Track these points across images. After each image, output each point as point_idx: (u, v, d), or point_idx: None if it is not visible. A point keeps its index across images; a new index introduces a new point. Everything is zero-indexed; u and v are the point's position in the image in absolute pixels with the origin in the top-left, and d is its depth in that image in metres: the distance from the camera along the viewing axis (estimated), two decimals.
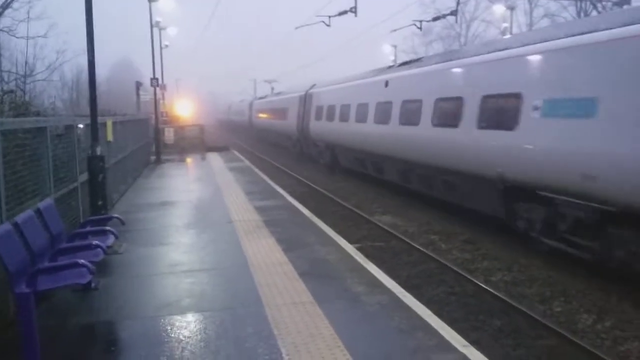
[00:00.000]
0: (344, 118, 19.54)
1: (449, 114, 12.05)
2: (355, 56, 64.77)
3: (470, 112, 11.03)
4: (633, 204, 7.29)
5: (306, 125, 25.37)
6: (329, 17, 22.43)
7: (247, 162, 22.73)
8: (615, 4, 26.35)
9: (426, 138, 13.02)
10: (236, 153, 28.25)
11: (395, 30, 26.01)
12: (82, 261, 4.82)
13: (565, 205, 8.53)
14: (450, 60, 12.80)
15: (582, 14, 35.34)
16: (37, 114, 10.20)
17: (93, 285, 6.34)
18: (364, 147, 17.63)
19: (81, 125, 9.43)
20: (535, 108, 9.10)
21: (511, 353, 6.18)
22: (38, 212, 5.74)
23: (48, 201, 6.30)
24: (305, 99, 25.97)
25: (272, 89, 47.63)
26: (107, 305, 5.95)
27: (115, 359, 4.74)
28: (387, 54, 48.10)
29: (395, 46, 46.94)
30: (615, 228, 7.75)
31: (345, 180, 20.07)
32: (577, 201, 8.22)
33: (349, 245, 8.39)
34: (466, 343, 4.88)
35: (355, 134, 18.31)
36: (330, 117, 21.30)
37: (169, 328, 5.27)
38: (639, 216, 7.28)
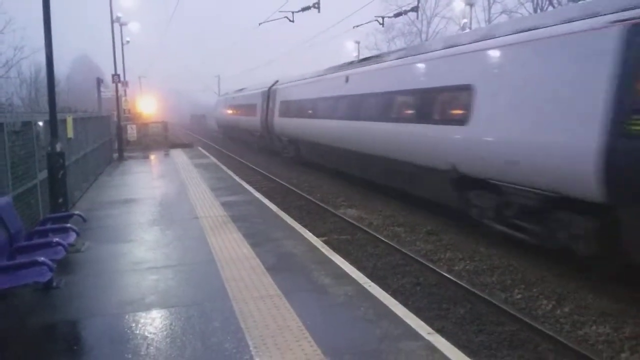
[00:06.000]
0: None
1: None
2: (319, 52, 64.76)
3: None
4: None
5: None
6: (293, 12, 22.46)
7: (212, 159, 22.53)
8: None
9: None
10: (201, 150, 27.96)
11: (357, 26, 26.11)
12: (41, 259, 4.71)
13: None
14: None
15: (538, 10, 36.17)
16: None
17: (55, 284, 6.21)
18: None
19: (41, 123, 9.19)
20: None
21: (474, 339, 6.32)
22: None
23: (5, 199, 6.13)
24: None
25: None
26: (69, 304, 5.83)
27: (78, 358, 4.65)
28: (350, 50, 48.26)
29: (358, 42, 47.15)
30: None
31: (309, 173, 20.11)
32: None
33: (315, 238, 8.42)
34: (431, 330, 4.97)
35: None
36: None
37: (133, 325, 5.20)
38: None
